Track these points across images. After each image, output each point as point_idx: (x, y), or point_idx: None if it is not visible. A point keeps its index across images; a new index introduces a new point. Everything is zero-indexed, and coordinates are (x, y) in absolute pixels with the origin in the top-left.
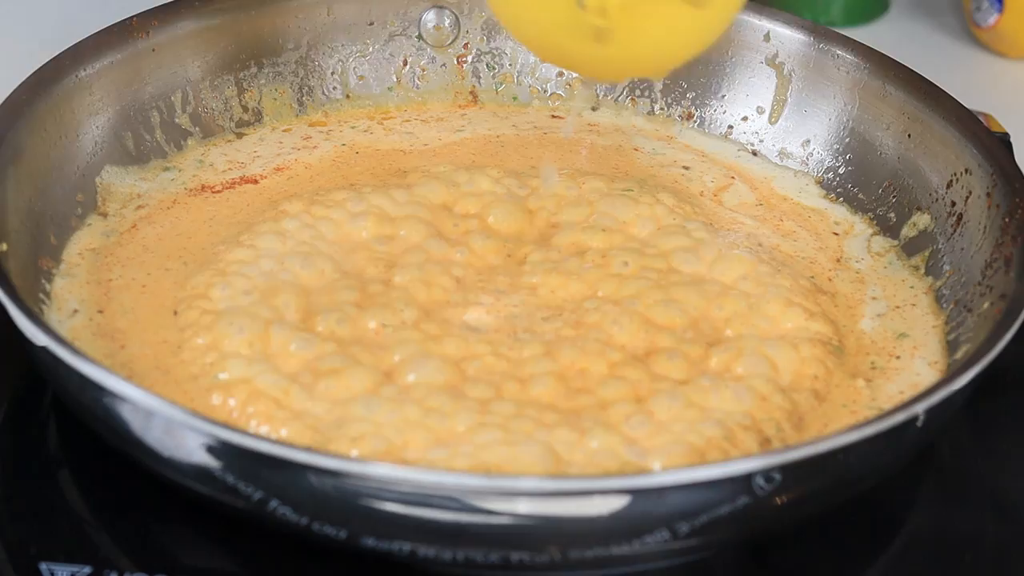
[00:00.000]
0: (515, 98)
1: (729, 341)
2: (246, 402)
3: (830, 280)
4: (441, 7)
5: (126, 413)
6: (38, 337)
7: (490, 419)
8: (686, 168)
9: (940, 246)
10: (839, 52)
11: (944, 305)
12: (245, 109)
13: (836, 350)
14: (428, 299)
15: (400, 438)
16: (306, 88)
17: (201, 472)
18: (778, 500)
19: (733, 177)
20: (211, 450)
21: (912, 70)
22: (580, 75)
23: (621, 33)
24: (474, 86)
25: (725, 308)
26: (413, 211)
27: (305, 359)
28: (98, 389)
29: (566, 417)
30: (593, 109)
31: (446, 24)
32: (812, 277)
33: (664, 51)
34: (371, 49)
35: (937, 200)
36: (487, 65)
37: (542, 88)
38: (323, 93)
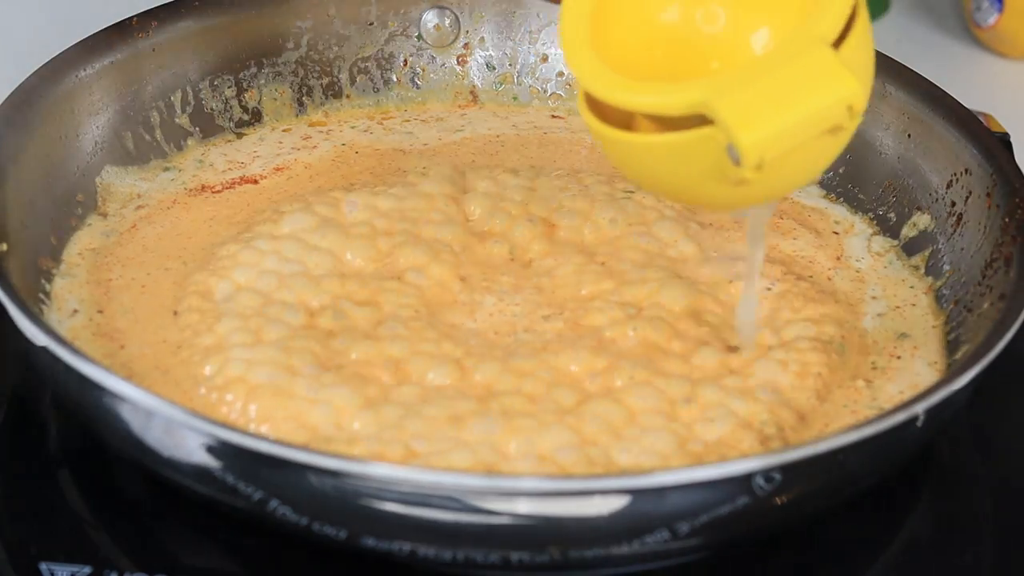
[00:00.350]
0: (515, 98)
1: (729, 340)
2: (246, 402)
3: (829, 279)
4: (441, 7)
5: (126, 413)
6: (38, 337)
7: (490, 419)
8: None
9: (940, 246)
10: None
11: (944, 305)
12: (245, 109)
13: (837, 350)
14: (432, 299)
15: (400, 438)
16: (306, 88)
17: (201, 472)
18: (778, 500)
19: None
20: (211, 450)
21: (912, 70)
22: (705, 209)
23: (766, 176)
24: (474, 86)
25: (725, 308)
26: (416, 211)
27: (306, 359)
28: (98, 389)
29: (564, 416)
30: None
31: (446, 24)
32: (811, 276)
33: (798, 179)
34: (371, 49)
35: (937, 200)
36: (487, 65)
37: (542, 88)
38: (323, 93)
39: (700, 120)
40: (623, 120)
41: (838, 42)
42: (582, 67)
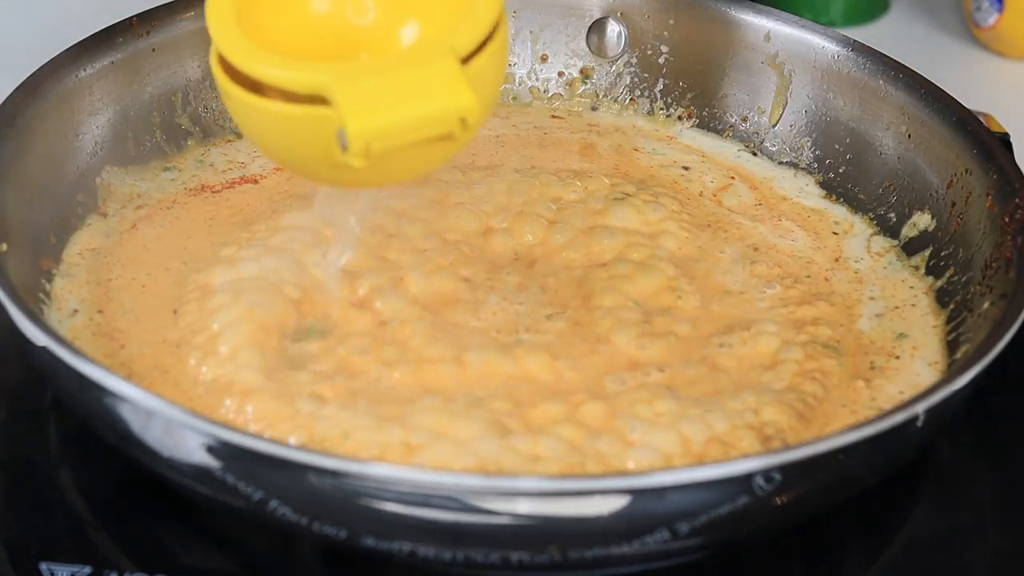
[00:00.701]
0: (515, 98)
1: (728, 342)
2: (245, 402)
3: (827, 280)
4: None
5: (126, 413)
6: (38, 337)
7: (489, 419)
8: (686, 168)
9: (940, 246)
10: (839, 52)
11: (944, 305)
12: None
13: (834, 351)
14: (436, 297)
15: (399, 436)
16: None
17: (201, 472)
18: (778, 500)
19: (733, 177)
20: (211, 450)
21: (912, 70)
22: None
23: (373, 167)
24: None
25: (723, 310)
26: (420, 211)
27: (306, 359)
28: (98, 389)
29: (563, 415)
30: (593, 109)
31: None
32: (808, 277)
33: (405, 174)
34: None
35: (937, 200)
36: None
37: (542, 88)
38: None
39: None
40: (253, 84)
41: (471, 57)
42: (222, 34)
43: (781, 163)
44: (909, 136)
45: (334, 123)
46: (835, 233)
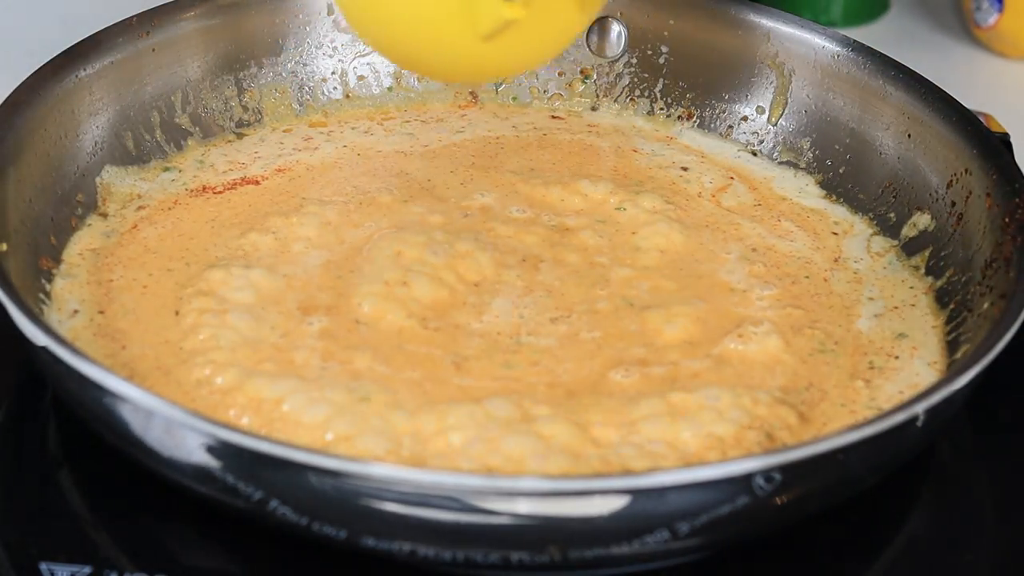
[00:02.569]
0: (515, 98)
1: (727, 343)
2: (247, 403)
3: (826, 280)
4: None
5: (126, 413)
6: (38, 337)
7: (488, 420)
8: (685, 169)
9: (940, 246)
10: (839, 52)
11: (944, 305)
12: (245, 109)
13: (832, 351)
14: (441, 300)
15: (396, 442)
16: (306, 88)
17: (201, 472)
18: (778, 500)
19: (732, 178)
20: (211, 450)
21: (912, 70)
22: (432, 79)
23: (520, 30)
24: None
25: (723, 311)
26: (425, 214)
27: (308, 361)
28: (98, 389)
29: (562, 417)
30: (593, 109)
31: None
32: (807, 277)
33: (534, 55)
34: (371, 49)
35: (937, 200)
36: None
37: (542, 88)
38: (323, 93)
39: None
40: None
41: None
42: None
43: (781, 163)
44: (909, 136)
45: None
46: (835, 233)
